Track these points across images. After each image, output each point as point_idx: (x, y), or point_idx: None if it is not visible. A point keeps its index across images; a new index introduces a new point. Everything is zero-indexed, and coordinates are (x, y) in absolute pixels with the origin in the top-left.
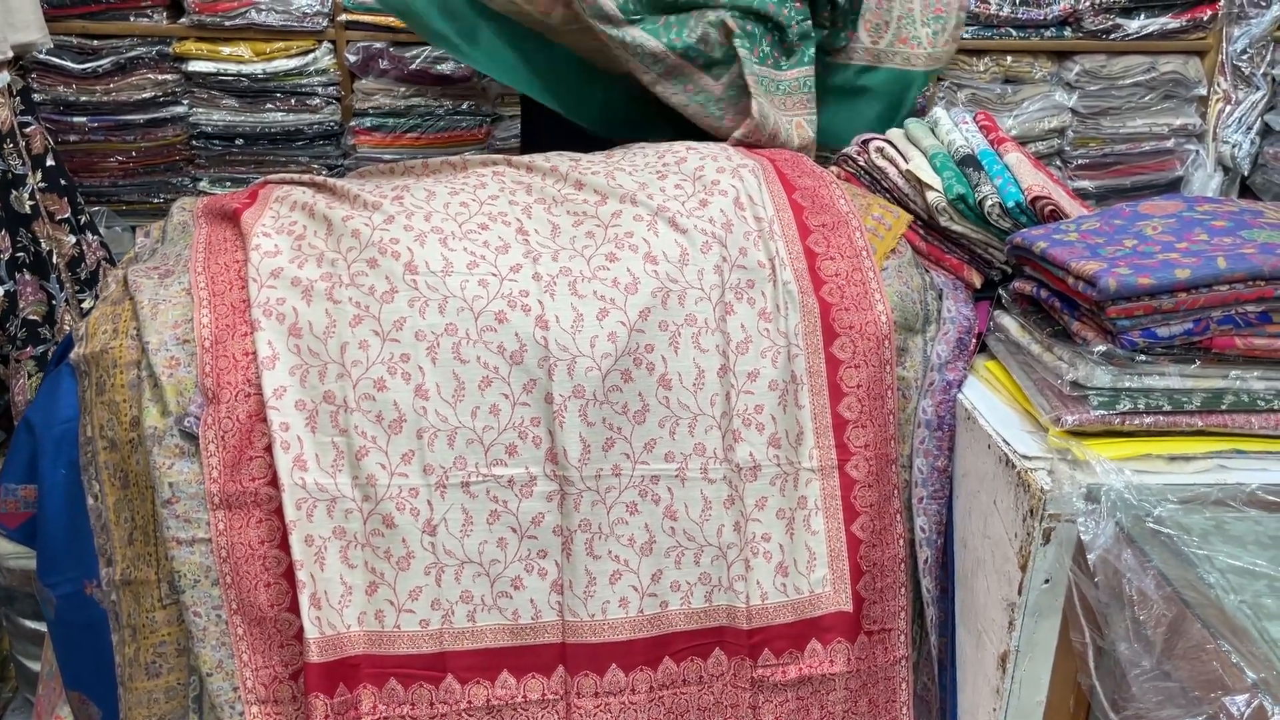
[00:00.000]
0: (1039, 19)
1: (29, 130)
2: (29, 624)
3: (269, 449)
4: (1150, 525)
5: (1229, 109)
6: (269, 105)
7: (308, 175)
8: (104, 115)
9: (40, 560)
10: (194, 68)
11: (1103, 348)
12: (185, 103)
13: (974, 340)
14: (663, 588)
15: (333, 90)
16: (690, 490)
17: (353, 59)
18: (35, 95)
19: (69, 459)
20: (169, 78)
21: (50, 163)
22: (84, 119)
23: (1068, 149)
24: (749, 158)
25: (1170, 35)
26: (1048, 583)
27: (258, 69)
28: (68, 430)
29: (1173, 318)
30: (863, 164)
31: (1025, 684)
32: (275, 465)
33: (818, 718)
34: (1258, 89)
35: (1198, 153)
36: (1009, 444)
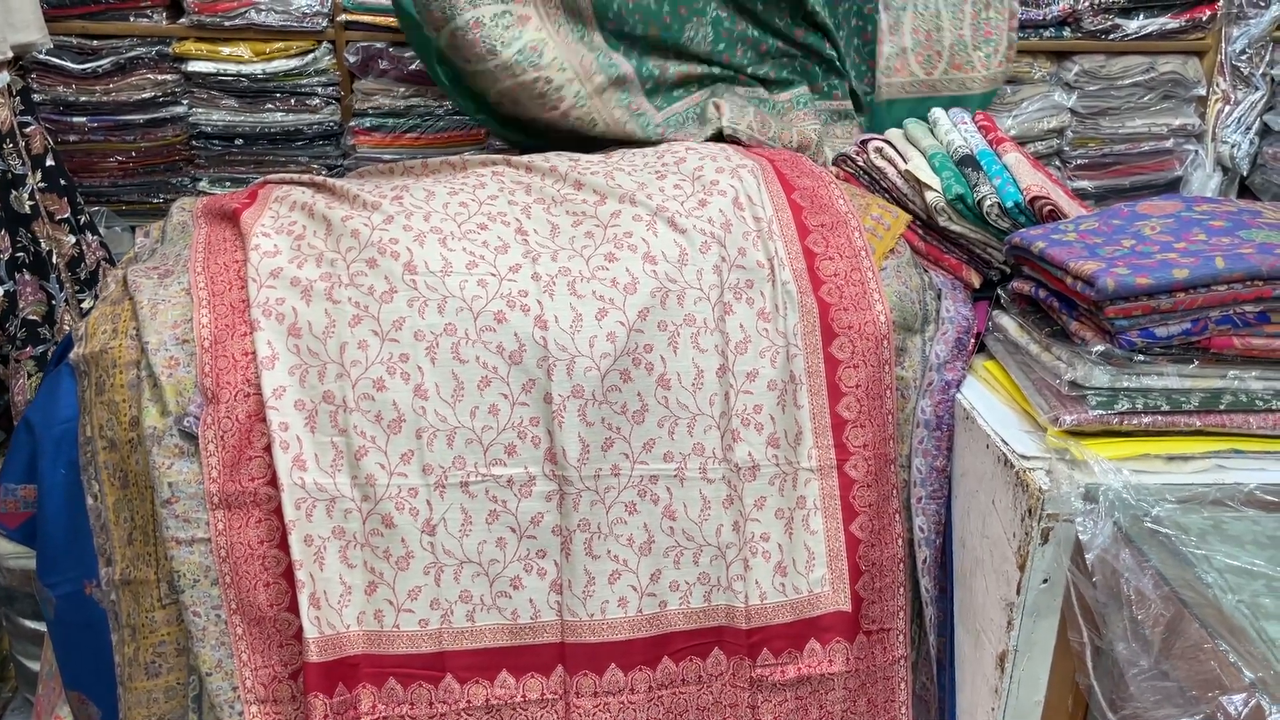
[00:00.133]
0: (1038, 19)
1: (29, 130)
2: (29, 624)
3: (268, 449)
4: (1148, 525)
5: (1228, 109)
6: (269, 105)
7: (307, 175)
8: (104, 115)
9: (40, 560)
10: (194, 68)
11: (1101, 348)
12: (185, 103)
13: (972, 340)
14: (662, 587)
15: (332, 90)
16: (689, 490)
17: (352, 59)
18: (35, 95)
19: (68, 459)
20: (169, 78)
21: (50, 163)
22: (84, 119)
23: (1067, 149)
24: (748, 158)
25: (1169, 35)
26: (1046, 582)
27: (257, 69)
28: (67, 430)
29: (1171, 318)
30: (861, 164)
31: (1023, 683)
32: (274, 465)
33: (816, 717)
34: (1257, 89)
35: (1197, 153)
36: (1007, 444)
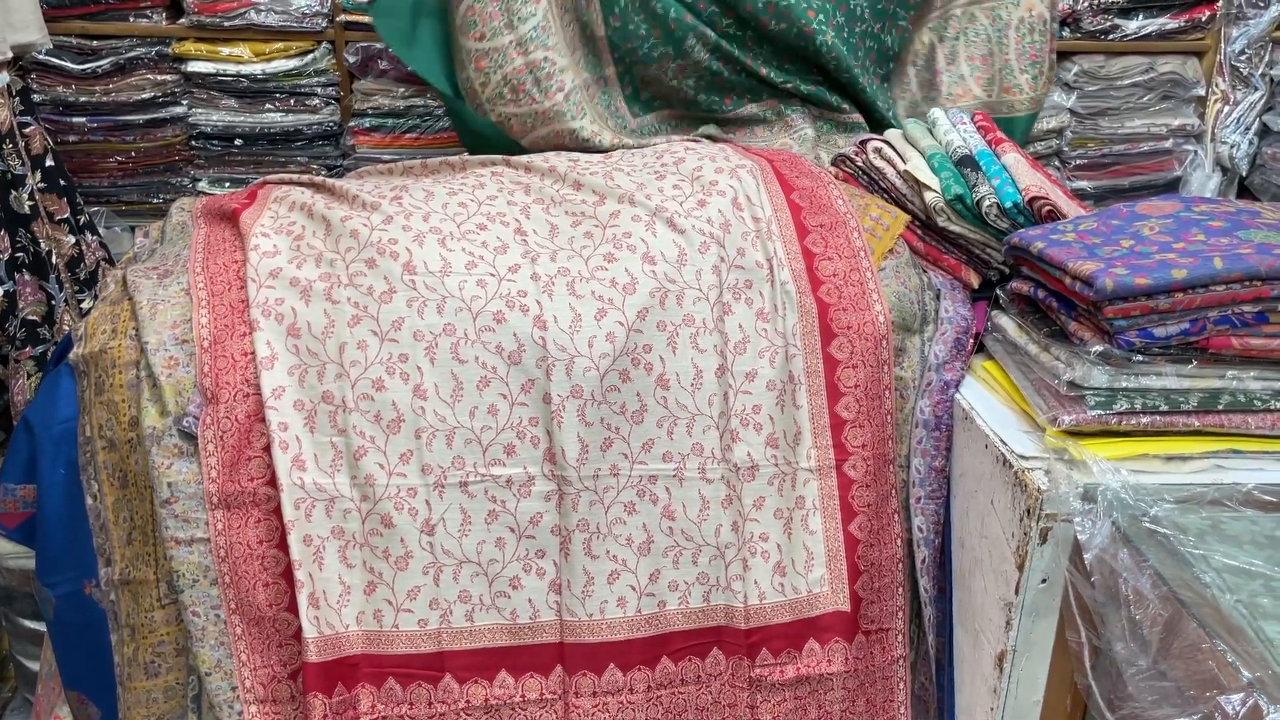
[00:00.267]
0: None
1: (28, 130)
2: (28, 624)
3: (267, 449)
4: (1147, 525)
5: (1227, 109)
6: (268, 106)
7: (306, 175)
8: (103, 115)
9: (39, 560)
10: (193, 68)
11: (1100, 348)
12: (184, 103)
13: (971, 340)
14: (660, 587)
15: (332, 91)
16: (688, 490)
17: (352, 59)
18: (34, 95)
19: (68, 459)
20: (168, 78)
21: (49, 163)
22: (83, 119)
23: (1066, 149)
24: (747, 158)
25: (1168, 36)
26: (1044, 582)
27: (257, 69)
28: (67, 430)
29: (1169, 318)
30: (860, 164)
31: (1022, 683)
32: (274, 465)
33: (815, 717)
34: (1256, 89)
35: (1196, 153)
36: (1006, 444)
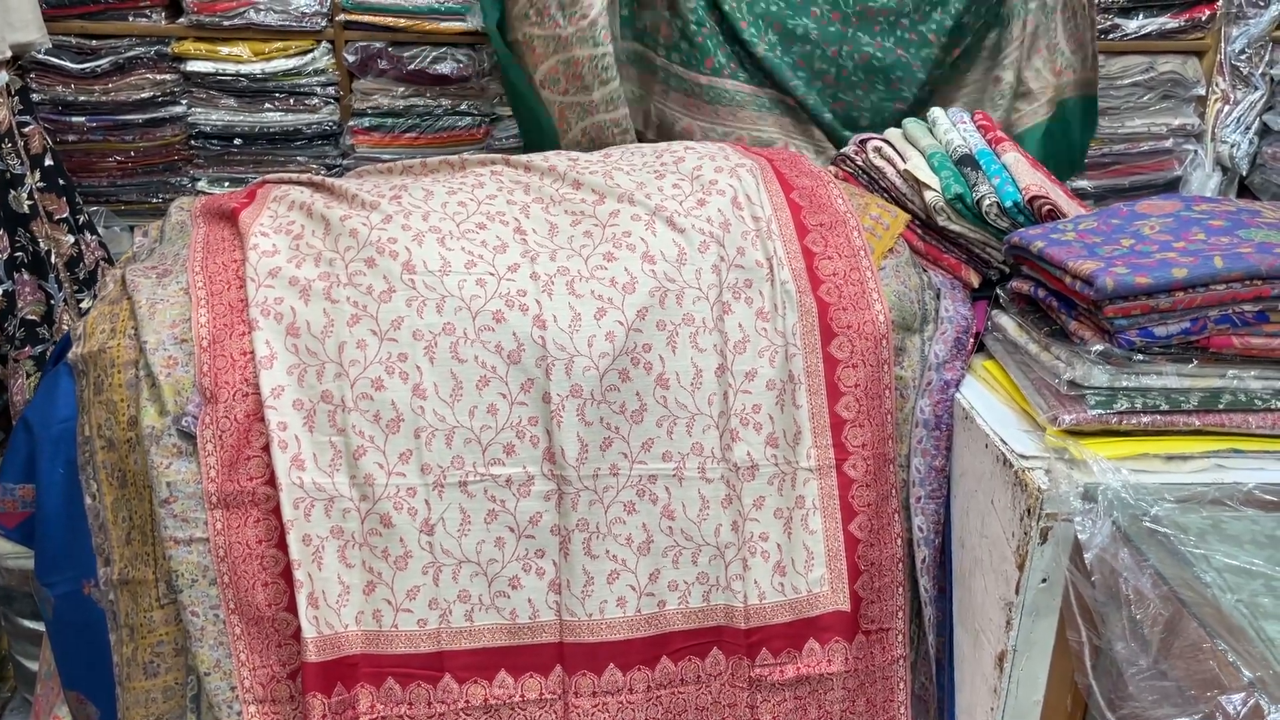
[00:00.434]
0: None
1: (27, 130)
2: (27, 624)
3: (266, 448)
4: (1147, 524)
5: (1227, 109)
6: (267, 105)
7: (306, 175)
8: (102, 115)
9: (38, 560)
10: (192, 68)
11: (1100, 347)
12: (184, 103)
13: (971, 340)
14: (660, 587)
15: (331, 90)
16: (688, 490)
17: (351, 59)
18: (34, 95)
19: (67, 458)
20: (167, 77)
21: (49, 162)
22: (82, 119)
23: None
24: (747, 157)
25: (1169, 35)
26: (1045, 582)
27: (256, 69)
28: (66, 429)
29: (1170, 317)
30: (860, 163)
31: (1022, 683)
32: (273, 465)
33: (815, 717)
34: (1256, 89)
35: (1196, 152)
36: (1006, 443)
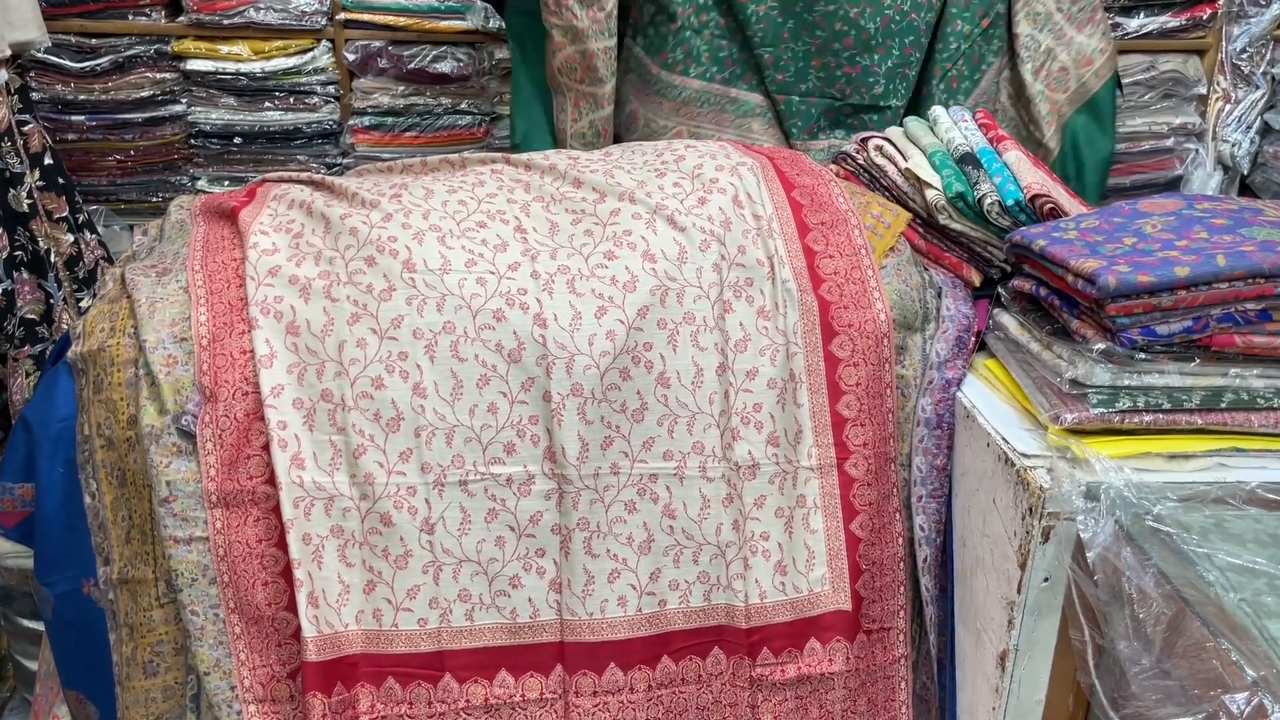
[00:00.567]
0: None
1: (27, 129)
2: (27, 623)
3: (266, 447)
4: (1150, 523)
5: (1228, 108)
6: (267, 104)
7: (306, 174)
8: (102, 114)
9: (37, 559)
10: (192, 66)
11: (1102, 346)
12: (184, 101)
13: (973, 338)
14: (661, 586)
15: (331, 89)
16: (689, 489)
17: (351, 58)
18: (33, 94)
19: (66, 457)
20: (167, 76)
21: (48, 161)
22: (82, 118)
23: None
24: (747, 155)
25: (1170, 34)
26: (1047, 581)
27: (256, 68)
28: (65, 428)
29: (1172, 315)
30: (861, 162)
31: (1024, 682)
32: (273, 463)
33: (816, 717)
34: (1257, 88)
35: (1197, 151)
36: (1008, 442)
